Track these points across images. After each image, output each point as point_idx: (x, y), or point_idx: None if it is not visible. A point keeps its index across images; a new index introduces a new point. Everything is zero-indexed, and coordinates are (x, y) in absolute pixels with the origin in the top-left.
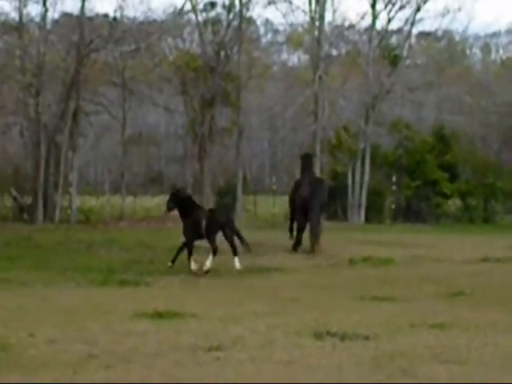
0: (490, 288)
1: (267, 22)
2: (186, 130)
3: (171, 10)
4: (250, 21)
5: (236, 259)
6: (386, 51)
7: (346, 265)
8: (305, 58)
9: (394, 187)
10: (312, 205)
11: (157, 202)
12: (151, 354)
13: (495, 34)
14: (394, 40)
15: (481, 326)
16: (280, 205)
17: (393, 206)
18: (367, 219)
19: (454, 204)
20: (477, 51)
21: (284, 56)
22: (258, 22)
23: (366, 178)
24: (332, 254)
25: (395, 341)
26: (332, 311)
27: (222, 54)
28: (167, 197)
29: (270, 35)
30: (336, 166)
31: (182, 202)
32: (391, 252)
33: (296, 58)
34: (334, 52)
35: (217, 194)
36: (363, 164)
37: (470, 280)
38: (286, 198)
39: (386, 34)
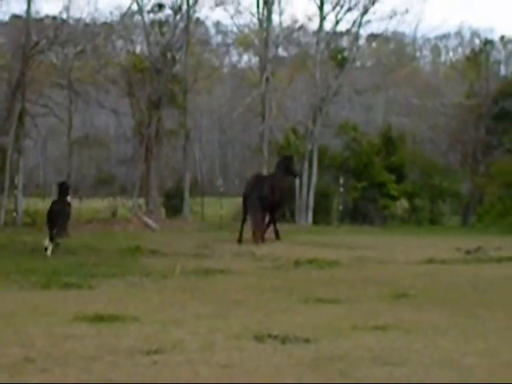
0: (433, 290)
1: (218, 23)
2: (133, 132)
3: (118, 11)
4: (198, 22)
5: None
6: (334, 53)
7: (291, 267)
8: (255, 59)
9: (341, 189)
10: (250, 199)
11: (106, 204)
12: (88, 358)
13: (445, 36)
14: (343, 42)
15: (422, 328)
16: (228, 207)
17: (340, 208)
18: (315, 221)
19: (401, 205)
20: (426, 53)
21: (235, 58)
22: (209, 24)
23: (314, 179)
24: (278, 256)
25: (336, 343)
26: (275, 314)
27: (169, 55)
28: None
29: (219, 37)
30: None
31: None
32: (337, 254)
33: (246, 60)
34: (284, 54)
35: (164, 196)
36: (311, 166)
37: (414, 282)
38: (235, 200)
39: (333, 35)
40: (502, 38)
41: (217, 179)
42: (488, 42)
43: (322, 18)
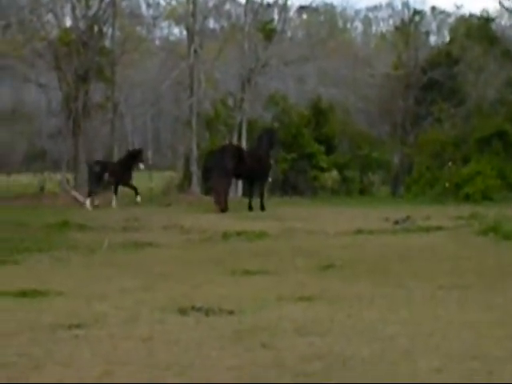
0: (360, 260)
1: None
2: (61, 106)
3: None
4: None
5: None
6: (262, 24)
7: (219, 239)
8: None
9: (270, 160)
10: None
11: (38, 178)
12: (8, 333)
13: (376, 8)
14: (274, 14)
15: (347, 299)
16: (158, 180)
17: (269, 180)
18: (244, 193)
19: (331, 177)
20: (358, 25)
21: (166, 31)
22: None
23: None
24: (206, 229)
25: (260, 315)
26: (201, 286)
27: (96, 28)
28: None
29: (151, 10)
30: (213, 139)
31: None
32: (266, 225)
33: (177, 33)
34: (215, 26)
35: None
36: (240, 138)
37: (342, 252)
38: (166, 173)
39: (262, 7)
40: (433, 8)
41: (149, 152)
42: (417, 13)
43: None
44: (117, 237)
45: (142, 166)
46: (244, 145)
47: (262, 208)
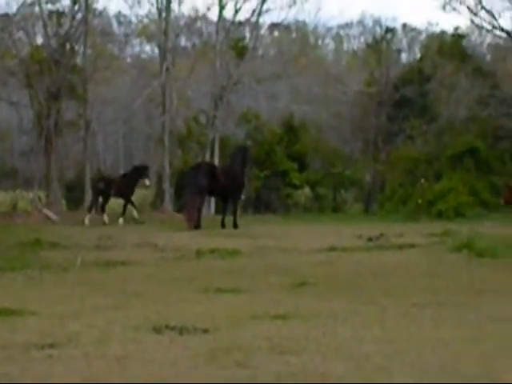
0: (334, 277)
1: (119, 14)
2: (33, 124)
3: (15, 1)
4: (96, 12)
5: None
6: (234, 42)
7: (192, 257)
8: (156, 50)
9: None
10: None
11: (10, 196)
12: None
13: (347, 25)
14: (245, 32)
15: (321, 316)
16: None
17: (242, 198)
18: (217, 210)
19: (304, 194)
20: (329, 42)
21: (137, 48)
22: (110, 14)
23: None
24: (180, 247)
25: (234, 333)
26: (174, 304)
27: (68, 46)
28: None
29: (122, 28)
30: (186, 157)
31: None
32: (239, 243)
33: (148, 50)
34: (187, 44)
35: (65, 188)
36: (212, 155)
37: (315, 270)
38: (138, 191)
39: (232, 25)
40: (404, 26)
41: (121, 170)
42: (389, 30)
43: (222, 7)
44: (89, 255)
45: (147, 182)
46: (217, 162)
47: (235, 226)
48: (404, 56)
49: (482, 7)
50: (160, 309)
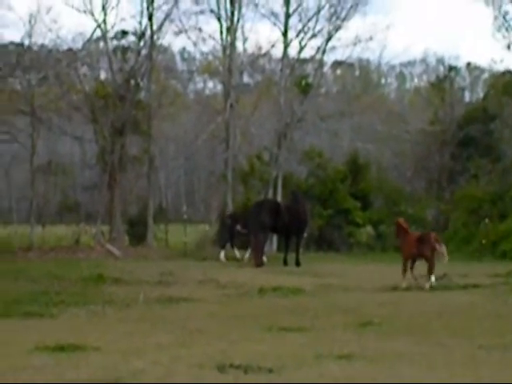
0: (398, 317)
1: (183, 50)
2: (97, 159)
3: (81, 37)
4: (161, 48)
5: None
6: (298, 79)
7: (255, 294)
8: (219, 86)
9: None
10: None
11: (69, 231)
12: None
13: (410, 63)
14: (308, 69)
15: (387, 357)
16: (193, 233)
17: (305, 235)
18: (279, 248)
19: (367, 232)
20: (392, 80)
21: (200, 85)
22: (174, 50)
23: None
24: (242, 284)
25: (300, 373)
26: (238, 342)
27: (133, 82)
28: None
29: (185, 64)
30: (249, 194)
31: None
32: (302, 281)
33: (211, 87)
34: (249, 81)
35: (128, 223)
36: (275, 193)
37: (379, 309)
38: (200, 227)
39: (297, 62)
40: (468, 64)
41: (182, 206)
42: (453, 68)
43: (286, 45)
44: (152, 291)
45: None
46: (280, 199)
47: (298, 263)
48: (467, 95)
49: None
50: (223, 347)
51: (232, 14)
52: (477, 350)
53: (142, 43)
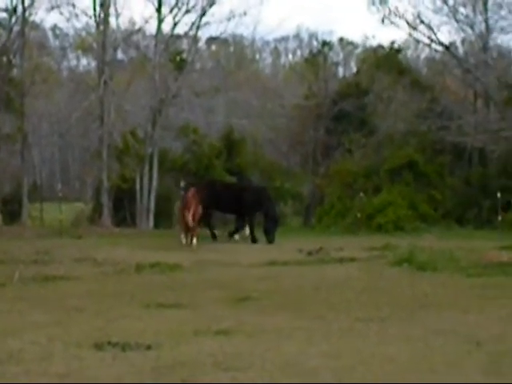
0: (276, 292)
1: (55, 26)
2: None
3: None
4: (34, 25)
5: None
6: (173, 55)
7: (133, 272)
8: (93, 63)
9: (181, 192)
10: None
11: None
12: None
13: (284, 39)
14: (183, 45)
15: (265, 331)
16: (68, 211)
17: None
18: (156, 225)
19: None
20: (266, 55)
21: (73, 62)
22: (46, 27)
23: (155, 183)
24: (119, 261)
25: (178, 349)
26: (116, 320)
27: (4, 58)
28: None
29: (57, 41)
30: (124, 171)
31: None
32: (179, 257)
33: (85, 64)
34: (123, 57)
35: (2, 202)
36: (151, 169)
37: (257, 284)
38: (75, 205)
39: (172, 38)
40: (341, 39)
41: (57, 184)
42: (326, 44)
43: (160, 21)
44: (28, 270)
45: None
46: (155, 176)
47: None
48: (341, 70)
49: (421, 21)
50: (101, 325)
51: None
52: (354, 322)
53: (13, 19)
